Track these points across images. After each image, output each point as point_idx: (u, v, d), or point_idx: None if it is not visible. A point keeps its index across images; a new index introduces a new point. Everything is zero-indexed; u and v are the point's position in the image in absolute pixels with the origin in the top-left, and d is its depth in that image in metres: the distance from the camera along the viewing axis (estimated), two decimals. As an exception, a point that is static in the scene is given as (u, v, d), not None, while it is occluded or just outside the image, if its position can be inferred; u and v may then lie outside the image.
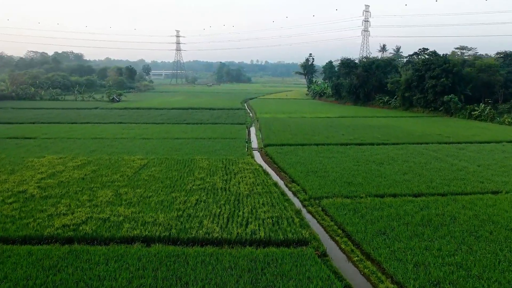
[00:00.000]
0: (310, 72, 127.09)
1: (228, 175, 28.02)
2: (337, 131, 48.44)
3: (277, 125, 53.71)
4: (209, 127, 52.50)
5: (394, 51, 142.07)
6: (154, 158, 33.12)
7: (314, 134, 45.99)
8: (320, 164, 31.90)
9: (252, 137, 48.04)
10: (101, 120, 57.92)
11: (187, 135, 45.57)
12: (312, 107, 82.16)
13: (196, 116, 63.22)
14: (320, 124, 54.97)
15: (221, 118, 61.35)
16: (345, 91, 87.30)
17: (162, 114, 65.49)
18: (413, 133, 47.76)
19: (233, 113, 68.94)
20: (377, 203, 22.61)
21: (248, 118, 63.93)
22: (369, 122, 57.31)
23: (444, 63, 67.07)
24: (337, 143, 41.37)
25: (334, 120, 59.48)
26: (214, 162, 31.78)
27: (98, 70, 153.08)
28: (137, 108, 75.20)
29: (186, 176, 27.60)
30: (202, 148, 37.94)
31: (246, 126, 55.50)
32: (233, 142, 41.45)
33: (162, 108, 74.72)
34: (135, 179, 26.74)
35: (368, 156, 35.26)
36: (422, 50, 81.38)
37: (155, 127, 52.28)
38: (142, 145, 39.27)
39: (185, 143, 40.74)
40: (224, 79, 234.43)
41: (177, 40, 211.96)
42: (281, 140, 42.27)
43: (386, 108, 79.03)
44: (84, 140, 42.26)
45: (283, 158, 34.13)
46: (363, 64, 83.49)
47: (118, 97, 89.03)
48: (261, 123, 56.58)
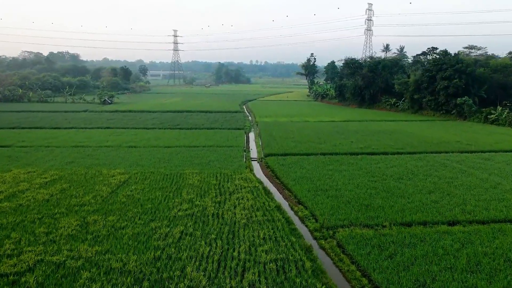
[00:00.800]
0: (312, 72, 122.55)
1: (222, 195, 23.55)
2: (345, 138, 43.98)
3: (278, 130, 49.23)
4: (204, 133, 48.02)
5: (397, 51, 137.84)
6: (138, 173, 28.64)
7: (319, 142, 41.52)
8: (330, 180, 27.46)
9: (251, 144, 43.57)
10: (88, 125, 53.41)
11: (179, 143, 41.09)
12: (315, 109, 77.70)
13: (191, 120, 58.73)
14: (325, 129, 50.50)
15: (218, 123, 56.88)
16: (349, 93, 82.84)
17: (155, 118, 61.01)
18: (429, 140, 43.30)
19: (230, 116, 64.47)
20: (405, 235, 18.18)
21: (247, 122, 59.48)
22: (377, 127, 52.87)
23: (457, 63, 62.68)
24: (346, 152, 36.92)
25: (340, 125, 55.03)
26: (207, 178, 27.29)
27: (92, 70, 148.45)
28: (129, 111, 70.73)
29: (172, 197, 23.12)
30: (195, 159, 33.46)
31: (245, 131, 51.05)
32: (229, 151, 36.97)
33: (155, 111, 70.23)
34: (110, 201, 22.26)
35: (384, 168, 30.82)
36: (431, 49, 76.93)
37: (145, 133, 47.80)
38: (126, 155, 34.78)
39: (175, 152, 36.26)
40: (222, 80, 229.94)
41: (175, 40, 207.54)
42: (283, 149, 37.80)
43: (394, 110, 74.59)
44: (63, 149, 37.75)
45: (286, 172, 29.67)
46: (369, 64, 79.06)
47: (110, 99, 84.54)
48: (261, 128, 52.12)
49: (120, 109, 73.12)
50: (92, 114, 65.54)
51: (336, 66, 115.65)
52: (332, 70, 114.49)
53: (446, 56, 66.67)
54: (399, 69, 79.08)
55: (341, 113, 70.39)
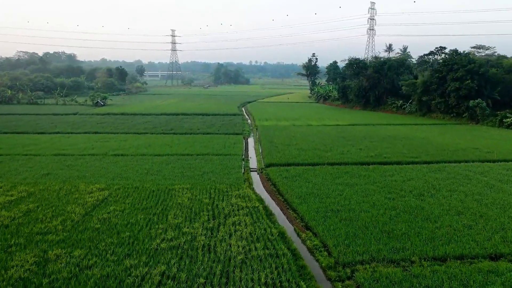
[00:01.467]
0: (313, 73, 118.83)
1: (216, 219, 19.90)
2: (353, 144, 40.33)
3: (280, 136, 45.58)
4: (200, 138, 44.35)
5: (401, 51, 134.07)
6: (120, 188, 24.98)
7: (326, 149, 37.87)
8: (341, 197, 23.84)
9: (251, 151, 39.92)
10: (74, 130, 49.72)
11: (171, 150, 37.42)
12: (317, 112, 74.05)
13: (186, 124, 55.06)
14: (331, 134, 46.85)
15: (215, 127, 53.22)
16: (353, 94, 79.18)
17: (148, 122, 57.32)
18: (445, 146, 39.66)
19: (228, 120, 60.81)
20: (443, 277, 14.56)
21: (246, 126, 55.83)
22: (386, 132, 49.24)
23: (469, 63, 59.08)
24: (356, 161, 33.29)
25: (346, 129, 51.38)
26: (199, 195, 23.64)
27: (88, 71, 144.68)
28: (121, 113, 67.02)
29: (156, 221, 19.48)
30: (187, 170, 29.81)
31: (244, 136, 47.40)
32: (226, 161, 33.32)
33: (149, 114, 66.55)
34: (82, 227, 18.61)
35: (400, 182, 27.20)
36: (439, 49, 73.38)
37: (136, 138, 44.12)
38: (111, 166, 31.11)
39: (166, 162, 32.60)
40: (221, 81, 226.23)
41: (173, 40, 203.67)
42: (286, 158, 34.14)
43: (400, 113, 70.97)
44: (42, 157, 34.07)
45: (290, 186, 26.03)
46: (374, 65, 75.41)
47: (102, 100, 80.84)
48: (261, 133, 48.48)
49: (113, 111, 69.44)
50: (81, 117, 61.84)
51: (338, 67, 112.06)
52: (334, 70, 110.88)
53: (456, 56, 63.06)
54: (405, 70, 75.46)
55: (345, 116, 66.76)
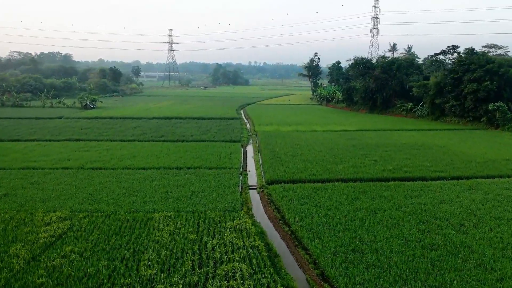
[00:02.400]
0: (315, 73, 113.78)
1: (203, 267, 15.05)
2: (366, 155, 35.45)
3: (282, 144, 40.69)
4: (192, 147, 39.43)
5: (405, 51, 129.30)
6: (87, 217, 20.09)
7: (335, 161, 32.97)
8: (363, 228, 19.03)
9: (250, 163, 35.01)
10: (54, 136, 44.75)
11: (159, 162, 32.50)
12: (321, 115, 69.10)
13: (179, 130, 50.11)
14: (339, 142, 41.96)
15: (210, 133, 48.28)
16: (359, 96, 74.25)
17: (137, 127, 52.37)
18: (470, 157, 34.79)
19: (226, 124, 55.88)
20: None
21: (245, 132, 50.90)
22: (400, 139, 44.37)
23: (487, 63, 54.28)
24: (372, 177, 28.44)
25: (354, 136, 46.49)
26: (184, 228, 18.75)
27: (81, 71, 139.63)
28: (110, 117, 62.06)
29: (123, 271, 14.64)
30: (173, 190, 24.94)
31: (242, 144, 42.51)
32: (221, 176, 28.42)
33: (140, 118, 61.60)
34: (18, 283, 13.69)
35: (431, 206, 22.40)
36: (451, 47, 68.55)
37: (120, 147, 39.19)
38: (84, 183, 26.22)
39: (150, 178, 27.71)
40: (220, 81, 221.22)
41: (170, 40, 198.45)
42: (291, 173, 29.24)
43: (410, 117, 66.09)
44: (6, 172, 29.16)
45: (298, 212, 21.19)
46: (382, 65, 70.51)
47: (92, 103, 75.83)
48: (261, 140, 43.58)
49: (101, 115, 64.46)
50: (66, 122, 56.86)
51: (341, 67, 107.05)
52: (337, 71, 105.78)
53: (472, 55, 58.23)
54: (415, 70, 70.60)
55: (351, 120, 61.86)
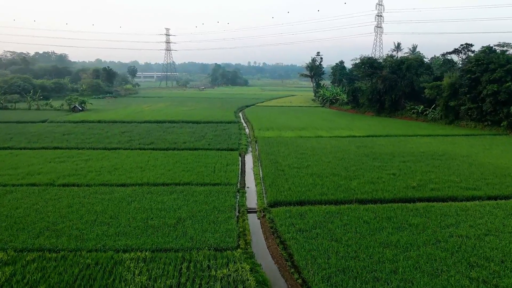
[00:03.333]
0: (318, 74, 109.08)
1: None
2: (382, 167, 30.89)
3: (285, 153, 36.11)
4: (184, 156, 34.82)
5: (410, 50, 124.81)
6: (35, 260, 15.51)
7: (348, 175, 28.40)
8: (396, 276, 14.55)
9: (249, 177, 30.44)
10: (31, 144, 40.13)
11: (142, 177, 27.93)
12: (325, 119, 64.45)
13: (171, 136, 45.48)
14: (349, 150, 37.38)
15: (205, 139, 43.69)
16: (365, 98, 69.60)
17: (126, 132, 47.74)
18: (503, 170, 30.26)
19: (223, 129, 51.26)
20: None
21: (243, 138, 46.33)
22: (416, 146, 39.83)
23: (508, 62, 49.77)
24: (395, 197, 23.96)
25: (365, 143, 41.92)
26: (160, 278, 14.14)
27: (74, 72, 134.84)
28: (98, 121, 57.42)
29: None
30: (155, 216, 20.39)
31: (240, 153, 37.94)
32: (214, 196, 23.87)
33: (130, 122, 56.98)
34: None
35: (475, 240, 18.00)
36: (465, 46, 64.14)
37: (102, 156, 34.56)
38: (47, 207, 21.67)
39: (129, 198, 23.15)
40: (218, 82, 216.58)
41: (167, 39, 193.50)
42: (297, 191, 24.66)
43: (421, 120, 61.52)
44: (-41, 191, 24.51)
45: (309, 251, 16.68)
46: (390, 64, 65.92)
47: (81, 105, 71.15)
48: (261, 148, 39.00)
49: (89, 118, 59.81)
50: (49, 126, 52.17)
51: (344, 67, 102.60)
52: (341, 71, 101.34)
53: (490, 53, 53.70)
54: (425, 70, 66.02)
55: (359, 124, 57.24)
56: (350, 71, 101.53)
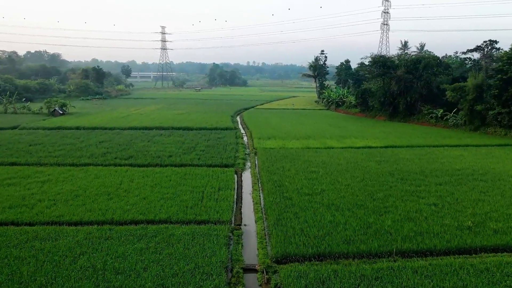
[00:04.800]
0: (322, 74, 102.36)
1: None
2: (416, 193, 24.24)
3: (291, 171, 29.40)
4: (167, 176, 28.09)
5: (417, 49, 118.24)
6: None
7: (376, 207, 21.71)
8: None
9: (246, 207, 23.76)
10: (-16, 158, 33.33)
11: (106, 210, 21.23)
12: (334, 124, 57.59)
13: (156, 147, 38.72)
14: (369, 168, 30.69)
15: (196, 151, 36.99)
16: (376, 101, 62.93)
17: (104, 142, 41.00)
18: None
19: (217, 137, 44.56)
20: None
21: (241, 149, 39.65)
22: (448, 161, 33.20)
23: (546, 61, 43.13)
24: (449, 247, 17.25)
25: (385, 156, 35.26)
26: None
27: (63, 71, 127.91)
28: (76, 127, 50.63)
29: None
30: (105, 286, 13.66)
31: (236, 170, 31.25)
32: (198, 244, 17.22)
33: (113, 128, 50.22)
34: None
35: None
36: (488, 42, 57.54)
37: (65, 177, 27.78)
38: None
39: (77, 250, 16.49)
40: (216, 82, 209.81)
41: (163, 38, 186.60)
42: (314, 237, 18.00)
43: (441, 126, 54.87)
44: None
45: None
46: (405, 63, 59.26)
47: (61, 108, 64.32)
48: (262, 163, 32.28)
49: (67, 124, 53.01)
50: (17, 134, 45.36)
51: (350, 67, 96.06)
52: (346, 71, 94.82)
53: (522, 50, 47.03)
54: (444, 70, 59.35)
55: (372, 131, 50.53)
56: (356, 71, 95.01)
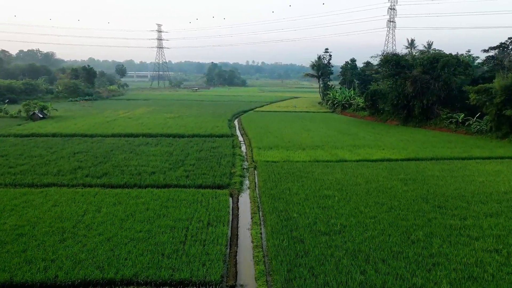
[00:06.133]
0: (326, 73, 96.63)
1: None
2: (463, 229, 18.52)
3: (300, 195, 23.62)
4: (143, 203, 22.27)
5: (425, 47, 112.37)
6: None
7: (420, 257, 15.95)
8: None
9: (243, 251, 17.97)
10: None
11: (54, 259, 15.47)
12: (343, 131, 51.61)
13: (137, 160, 32.91)
14: (396, 191, 24.92)
15: (184, 165, 31.20)
16: (389, 103, 57.21)
17: (78, 153, 35.22)
18: None
19: (211, 147, 38.78)
20: None
21: (238, 161, 33.83)
22: (488, 181, 27.46)
23: None
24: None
25: (410, 172, 29.52)
26: None
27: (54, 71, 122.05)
28: (53, 134, 44.84)
29: None
30: None
31: (231, 192, 25.47)
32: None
33: (93, 135, 44.41)
34: None
35: None
36: (514, 39, 51.83)
37: (14, 204, 21.97)
38: None
39: None
40: (214, 82, 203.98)
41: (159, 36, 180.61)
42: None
43: (463, 132, 49.13)
44: None
45: None
46: (421, 62, 53.54)
47: (42, 111, 58.52)
48: (263, 184, 26.47)
49: (43, 130, 47.17)
50: (-18, 143, 39.55)
51: (356, 66, 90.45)
52: (351, 70, 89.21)
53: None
54: (465, 70, 53.62)
55: (388, 139, 44.77)
56: (362, 71, 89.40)
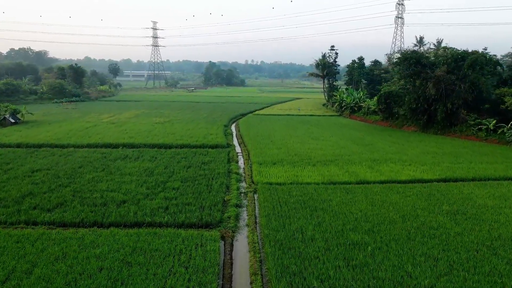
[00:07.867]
0: (332, 73, 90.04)
1: None
2: None
3: (319, 241, 16.99)
4: (99, 256, 15.60)
5: (434, 46, 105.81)
6: None
7: None
8: None
9: None
10: None
11: None
12: (357, 140, 44.67)
13: (108, 181, 26.25)
14: (446, 232, 18.33)
15: (166, 190, 24.52)
16: (406, 107, 50.59)
17: (39, 171, 28.57)
18: None
19: (201, 162, 32.10)
20: None
21: (234, 184, 27.14)
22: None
23: None
24: None
25: (456, 200, 22.95)
26: None
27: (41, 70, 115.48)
28: (17, 145, 38.24)
29: None
30: None
31: (223, 234, 18.85)
32: None
33: (65, 146, 37.80)
34: None
35: None
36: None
37: None
38: None
39: None
40: (212, 82, 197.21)
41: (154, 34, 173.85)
42: None
43: (495, 141, 42.61)
44: None
45: None
46: (445, 60, 46.97)
47: (14, 116, 51.91)
48: (266, 221, 19.80)
49: (6, 139, 40.45)
50: None
51: (364, 65, 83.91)
52: (359, 70, 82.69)
53: None
54: (494, 69, 47.09)
55: (412, 151, 38.09)
56: (370, 70, 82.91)
